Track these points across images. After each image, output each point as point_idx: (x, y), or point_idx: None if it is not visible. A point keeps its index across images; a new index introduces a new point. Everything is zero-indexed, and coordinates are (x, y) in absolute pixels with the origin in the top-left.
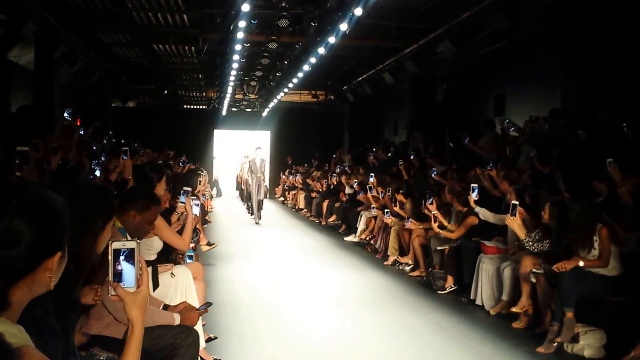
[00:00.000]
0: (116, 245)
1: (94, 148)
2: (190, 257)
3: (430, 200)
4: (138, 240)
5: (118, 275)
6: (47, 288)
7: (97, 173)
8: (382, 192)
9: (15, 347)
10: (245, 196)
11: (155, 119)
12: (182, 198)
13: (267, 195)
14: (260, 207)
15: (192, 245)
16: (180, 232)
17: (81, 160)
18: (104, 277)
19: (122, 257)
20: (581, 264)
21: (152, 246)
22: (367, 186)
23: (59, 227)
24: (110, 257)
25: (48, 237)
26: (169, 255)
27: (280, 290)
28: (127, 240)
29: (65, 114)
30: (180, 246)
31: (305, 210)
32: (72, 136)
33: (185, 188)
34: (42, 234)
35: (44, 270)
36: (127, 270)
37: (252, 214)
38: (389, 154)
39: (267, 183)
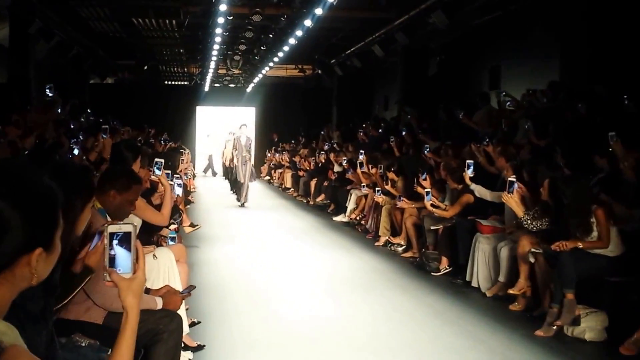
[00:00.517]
0: (112, 228)
1: (72, 126)
2: (173, 239)
3: (424, 176)
4: (135, 224)
5: (111, 261)
6: (28, 283)
7: (76, 152)
8: (372, 168)
9: (2, 345)
10: (231, 176)
11: (135, 96)
12: (155, 170)
13: (255, 178)
14: (246, 190)
15: (174, 226)
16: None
17: (59, 139)
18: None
19: (115, 242)
20: (580, 245)
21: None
22: (358, 162)
23: (41, 218)
24: (105, 242)
25: (27, 228)
26: (150, 237)
27: (266, 273)
28: (124, 223)
29: (47, 90)
30: (160, 221)
31: (292, 189)
32: (52, 112)
33: (157, 160)
34: (22, 223)
35: (23, 265)
36: (121, 255)
37: (237, 195)
38: (380, 130)
39: (253, 162)
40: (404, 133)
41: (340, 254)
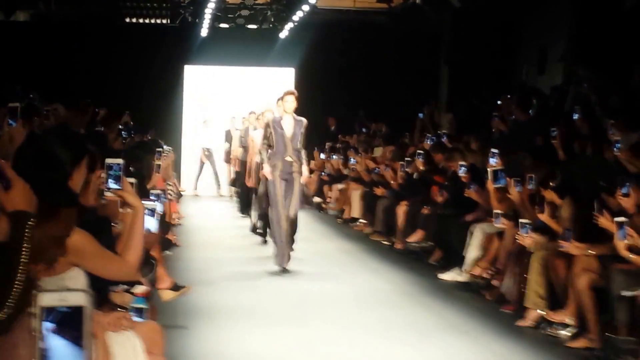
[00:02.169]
0: None
1: None
2: (140, 312)
3: (625, 190)
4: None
5: None
6: None
7: None
8: (516, 185)
9: None
10: (255, 202)
11: (70, 46)
12: (110, 182)
13: (309, 202)
14: (292, 233)
15: (142, 289)
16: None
17: None
18: None
19: None
20: None
21: (67, 285)
22: (488, 171)
23: None
24: None
25: None
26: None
27: None
28: None
29: None
30: (121, 273)
31: (362, 222)
32: None
33: (110, 162)
34: None
35: None
36: None
37: (267, 240)
38: (530, 112)
39: (306, 176)
40: (575, 117)
41: (453, 344)
